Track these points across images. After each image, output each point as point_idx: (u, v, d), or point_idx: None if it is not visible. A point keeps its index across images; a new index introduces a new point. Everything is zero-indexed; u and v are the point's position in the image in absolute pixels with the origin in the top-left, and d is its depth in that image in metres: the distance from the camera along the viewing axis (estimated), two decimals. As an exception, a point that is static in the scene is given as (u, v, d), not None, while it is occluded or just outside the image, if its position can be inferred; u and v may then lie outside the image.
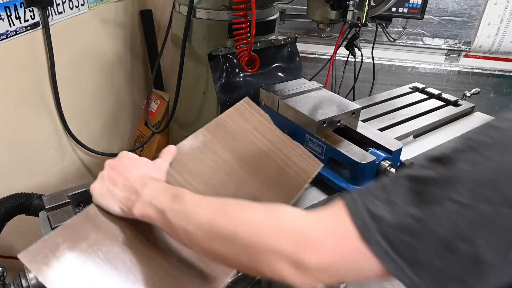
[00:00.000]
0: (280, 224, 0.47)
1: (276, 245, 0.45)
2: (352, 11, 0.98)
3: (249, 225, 0.48)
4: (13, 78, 1.23)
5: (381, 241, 0.42)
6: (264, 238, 0.46)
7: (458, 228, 0.40)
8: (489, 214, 0.39)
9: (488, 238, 0.40)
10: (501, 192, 0.39)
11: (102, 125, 1.82)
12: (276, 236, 0.46)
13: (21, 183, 1.34)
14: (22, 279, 0.76)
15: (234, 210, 0.52)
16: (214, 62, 1.37)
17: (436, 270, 0.41)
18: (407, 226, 0.41)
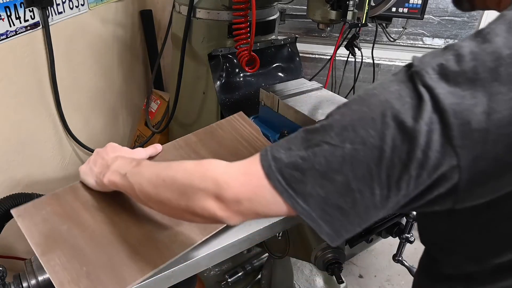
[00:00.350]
0: (207, 169, 0.58)
1: (203, 185, 0.57)
2: (352, 11, 0.98)
3: (184, 172, 0.60)
4: (13, 78, 1.23)
5: (279, 178, 0.52)
6: (195, 181, 0.58)
7: (332, 163, 0.50)
8: (351, 151, 0.49)
9: (354, 170, 0.49)
10: (358, 134, 0.49)
11: (102, 125, 1.82)
12: (203, 178, 0.57)
13: (21, 183, 1.34)
14: (22, 279, 0.76)
15: (174, 164, 0.63)
16: (214, 62, 1.37)
17: (320, 199, 0.51)
18: (296, 165, 0.52)
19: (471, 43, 0.48)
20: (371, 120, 0.49)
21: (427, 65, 0.49)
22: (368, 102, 0.51)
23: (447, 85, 0.47)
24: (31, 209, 0.75)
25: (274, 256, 1.23)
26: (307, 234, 1.03)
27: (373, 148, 0.49)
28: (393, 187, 0.50)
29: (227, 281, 1.54)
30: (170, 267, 0.77)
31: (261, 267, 1.62)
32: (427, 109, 0.47)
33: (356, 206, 0.51)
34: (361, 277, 2.08)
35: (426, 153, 0.47)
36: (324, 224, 0.52)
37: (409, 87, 0.49)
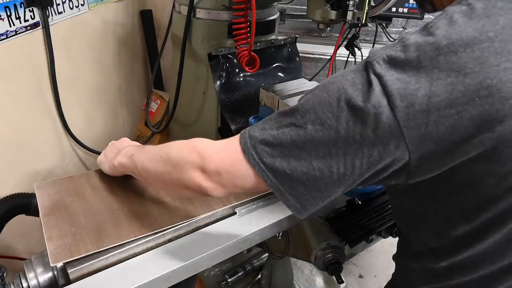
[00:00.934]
0: (194, 145, 0.67)
1: (191, 159, 0.65)
2: (352, 11, 0.98)
3: (177, 147, 0.70)
4: (13, 78, 1.23)
5: (253, 152, 0.59)
6: (184, 154, 0.67)
7: (297, 142, 0.56)
8: (312, 131, 0.56)
9: (315, 149, 0.56)
10: (317, 116, 0.55)
11: (102, 125, 1.82)
12: (191, 152, 0.66)
13: (21, 183, 1.34)
14: (22, 279, 0.76)
15: (171, 142, 0.73)
16: (214, 62, 1.37)
17: (287, 175, 0.58)
18: (268, 141, 0.59)
19: (416, 36, 0.54)
20: (329, 104, 0.55)
21: (379, 56, 0.54)
22: (328, 88, 0.57)
23: (395, 72, 0.52)
24: (50, 184, 0.93)
25: (274, 256, 1.23)
26: (307, 234, 1.03)
27: (330, 129, 0.55)
28: (348, 166, 0.55)
29: (227, 281, 1.54)
30: (170, 267, 0.77)
31: (261, 267, 1.62)
32: (376, 94, 0.52)
33: (317, 182, 0.57)
34: (361, 277, 2.08)
35: (376, 133, 0.53)
36: (291, 198, 0.60)
37: (363, 75, 0.55)
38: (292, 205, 0.60)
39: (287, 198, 0.60)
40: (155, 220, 0.85)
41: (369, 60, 0.55)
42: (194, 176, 0.65)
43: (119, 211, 0.86)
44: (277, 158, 0.58)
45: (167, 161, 0.69)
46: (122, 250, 0.78)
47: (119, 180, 0.95)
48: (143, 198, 0.91)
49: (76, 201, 0.87)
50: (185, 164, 0.66)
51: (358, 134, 0.53)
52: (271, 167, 0.59)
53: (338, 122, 0.54)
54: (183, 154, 0.67)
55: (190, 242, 0.84)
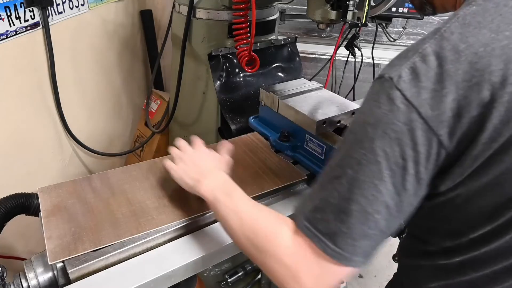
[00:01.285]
0: (279, 245, 0.62)
1: (277, 266, 0.61)
2: (352, 11, 0.98)
3: (263, 234, 0.64)
4: (13, 78, 1.23)
5: (307, 224, 0.58)
6: (269, 249, 0.62)
7: (342, 193, 0.55)
8: (353, 175, 0.54)
9: (363, 193, 0.53)
10: (352, 157, 0.55)
11: (102, 125, 1.82)
12: (276, 256, 0.61)
13: (21, 183, 1.34)
14: (22, 279, 0.76)
15: (257, 219, 0.68)
16: (214, 62, 1.37)
17: (345, 235, 0.54)
18: (317, 206, 0.57)
19: (432, 43, 0.53)
20: (359, 142, 0.54)
21: (396, 70, 0.53)
22: (353, 129, 0.57)
23: (419, 83, 0.51)
24: (52, 188, 0.94)
25: (274, 256, 1.23)
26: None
27: (369, 165, 0.53)
28: (401, 192, 0.53)
29: (227, 281, 1.54)
30: (170, 267, 0.77)
31: (261, 267, 1.62)
32: (403, 110, 0.51)
33: (378, 225, 0.54)
34: (361, 277, 2.08)
35: (416, 149, 0.52)
36: (357, 258, 0.56)
37: (383, 95, 0.53)
38: (360, 262, 0.56)
39: (354, 260, 0.56)
40: (153, 219, 0.85)
41: (386, 76, 0.54)
42: (278, 273, 0.61)
43: (118, 211, 0.87)
44: (330, 220, 0.56)
45: (253, 242, 0.66)
46: (122, 250, 0.78)
47: (120, 182, 0.96)
48: (142, 198, 0.92)
49: (76, 203, 0.89)
50: (270, 257, 0.63)
51: (399, 157, 0.52)
52: (327, 233, 0.56)
53: (374, 154, 0.53)
54: (268, 247, 0.63)
55: (190, 242, 0.84)
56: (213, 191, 0.77)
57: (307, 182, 1.03)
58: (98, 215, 0.86)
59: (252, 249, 0.66)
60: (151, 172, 1.00)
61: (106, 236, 0.80)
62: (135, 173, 1.00)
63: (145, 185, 0.96)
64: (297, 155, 1.08)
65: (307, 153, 1.06)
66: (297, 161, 1.08)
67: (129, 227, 0.83)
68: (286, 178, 1.01)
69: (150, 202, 0.91)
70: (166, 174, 0.99)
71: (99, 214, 0.86)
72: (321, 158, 1.01)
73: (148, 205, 0.90)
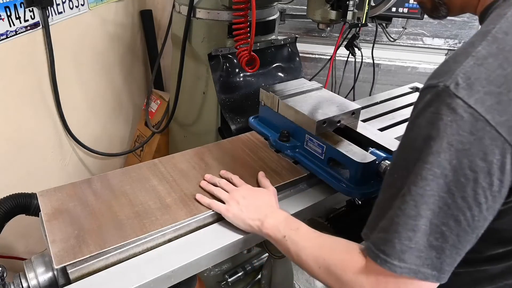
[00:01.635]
0: (355, 275, 0.62)
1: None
2: (352, 11, 0.98)
3: (335, 268, 0.65)
4: (13, 78, 1.23)
5: (372, 247, 0.57)
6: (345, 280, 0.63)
7: (407, 211, 0.53)
8: (417, 191, 0.52)
9: (430, 208, 0.52)
10: (415, 173, 0.53)
11: (102, 125, 1.82)
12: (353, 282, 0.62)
13: (21, 183, 1.34)
14: (22, 279, 0.76)
15: (328, 251, 0.69)
16: (214, 62, 1.37)
17: (412, 250, 0.53)
18: (381, 227, 0.56)
19: (484, 45, 0.51)
20: (421, 157, 0.52)
21: (452, 77, 0.50)
22: (411, 144, 0.54)
23: (481, 88, 0.49)
24: (52, 191, 0.93)
25: (274, 256, 1.23)
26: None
27: (435, 179, 0.51)
28: (473, 206, 0.51)
29: (227, 281, 1.54)
30: (170, 267, 0.77)
31: (261, 267, 1.62)
32: (468, 120, 0.48)
33: (448, 239, 0.52)
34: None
35: (486, 160, 0.49)
36: (426, 269, 0.54)
37: (442, 108, 0.50)
38: (430, 276, 0.54)
39: (423, 272, 0.54)
40: (157, 220, 0.85)
41: (441, 85, 0.51)
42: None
43: (120, 213, 0.87)
44: (395, 240, 0.54)
45: (328, 273, 0.67)
46: (122, 250, 0.78)
47: (120, 184, 0.96)
48: (144, 199, 0.92)
49: (78, 206, 0.88)
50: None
51: (468, 169, 0.49)
52: (393, 254, 0.54)
53: (440, 168, 0.50)
54: (344, 279, 0.63)
55: (190, 242, 0.84)
56: (279, 229, 0.78)
57: (307, 182, 1.03)
58: (101, 217, 0.86)
59: (331, 281, 0.66)
60: (151, 173, 1.00)
61: (111, 238, 0.80)
62: (135, 175, 1.00)
63: (146, 186, 0.96)
64: (297, 155, 1.08)
65: (307, 153, 1.06)
66: (297, 161, 1.08)
67: (134, 228, 0.82)
68: (287, 176, 1.01)
69: (153, 203, 0.91)
70: (167, 175, 0.99)
71: (102, 216, 0.86)
72: (321, 158, 1.01)
73: (151, 206, 0.89)
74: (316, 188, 1.01)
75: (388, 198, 0.57)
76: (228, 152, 1.11)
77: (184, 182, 0.97)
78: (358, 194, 0.95)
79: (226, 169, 1.02)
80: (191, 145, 1.14)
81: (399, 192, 0.55)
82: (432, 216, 0.52)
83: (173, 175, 1.00)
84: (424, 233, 0.52)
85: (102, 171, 1.85)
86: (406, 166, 0.55)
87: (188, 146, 1.14)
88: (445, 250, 0.53)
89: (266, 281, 1.56)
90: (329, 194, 0.99)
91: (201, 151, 1.11)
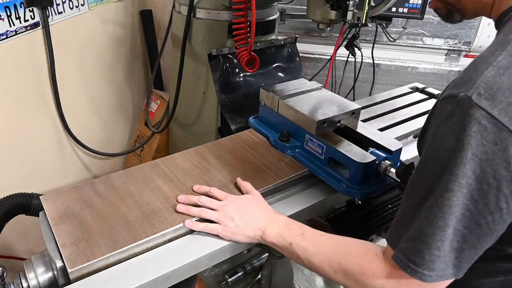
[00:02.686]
0: (370, 272, 0.64)
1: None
2: (352, 11, 0.98)
3: (353, 267, 0.66)
4: (13, 78, 1.23)
5: (401, 256, 0.58)
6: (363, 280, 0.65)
7: (434, 221, 0.54)
8: (443, 201, 0.54)
9: (456, 216, 0.53)
10: (441, 184, 0.54)
11: (102, 125, 1.82)
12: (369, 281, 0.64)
13: (21, 183, 1.34)
14: (22, 279, 0.76)
15: (344, 254, 0.69)
16: (214, 62, 1.37)
17: (440, 258, 0.55)
18: (409, 237, 0.57)
19: (505, 55, 0.51)
20: (446, 167, 0.53)
21: (473, 87, 0.51)
22: (435, 155, 0.55)
23: (504, 98, 0.49)
24: (55, 195, 0.92)
25: (274, 256, 1.23)
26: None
27: (460, 189, 0.52)
28: (494, 211, 0.53)
29: (227, 281, 1.54)
30: (170, 267, 0.77)
31: (261, 267, 1.62)
32: (492, 130, 0.49)
33: (468, 241, 0.54)
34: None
35: (509, 168, 0.50)
36: (448, 271, 0.56)
37: (465, 118, 0.51)
38: (450, 274, 0.57)
39: (446, 274, 0.57)
40: (166, 219, 0.85)
41: (462, 95, 0.52)
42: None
43: (129, 214, 0.87)
44: (424, 250, 0.56)
45: (346, 276, 0.68)
46: (122, 250, 0.78)
47: (125, 186, 0.96)
48: (150, 199, 0.92)
49: (84, 209, 0.88)
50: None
51: (491, 177, 0.51)
52: (423, 264, 0.56)
53: (465, 178, 0.52)
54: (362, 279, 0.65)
55: (190, 242, 0.84)
56: (283, 237, 0.78)
57: (307, 182, 1.03)
58: (110, 219, 0.85)
59: (349, 283, 0.67)
60: (155, 174, 1.00)
61: (122, 239, 0.80)
62: (138, 175, 0.99)
63: (151, 187, 0.96)
64: (297, 155, 1.08)
65: (307, 153, 1.06)
66: (297, 161, 1.08)
67: (144, 229, 0.82)
68: (289, 171, 1.01)
69: (160, 202, 0.90)
70: (170, 175, 1.00)
71: (111, 218, 0.86)
72: (321, 158, 1.01)
73: (158, 206, 0.89)
74: (316, 188, 1.01)
75: (412, 206, 0.58)
76: (228, 150, 1.11)
77: (188, 181, 0.98)
78: (358, 194, 0.95)
79: (227, 167, 1.02)
80: (191, 145, 1.14)
81: (423, 201, 0.56)
82: (456, 223, 0.54)
83: (177, 175, 1.00)
84: (449, 240, 0.54)
85: (102, 171, 1.86)
86: (430, 176, 0.56)
87: (188, 146, 1.14)
88: (464, 250, 0.55)
89: (266, 281, 1.56)
90: (329, 194, 0.99)
91: (201, 150, 1.11)
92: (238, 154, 1.10)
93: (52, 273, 0.78)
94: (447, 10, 0.77)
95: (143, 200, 0.91)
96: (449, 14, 0.77)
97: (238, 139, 1.17)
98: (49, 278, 0.78)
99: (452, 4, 0.75)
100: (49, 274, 0.78)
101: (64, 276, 0.75)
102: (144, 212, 0.87)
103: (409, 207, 0.60)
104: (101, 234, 0.81)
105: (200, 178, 0.99)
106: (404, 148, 1.01)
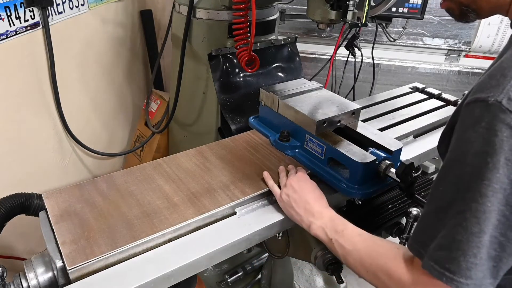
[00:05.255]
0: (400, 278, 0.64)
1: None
2: (352, 11, 0.98)
3: (384, 274, 0.67)
4: (13, 78, 1.23)
5: (433, 264, 0.57)
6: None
7: (469, 228, 0.53)
8: (478, 208, 0.53)
9: (492, 223, 0.53)
10: (477, 190, 0.53)
11: (102, 125, 1.82)
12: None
13: (21, 183, 1.34)
14: (22, 279, 0.76)
15: (376, 257, 0.70)
16: (214, 62, 1.37)
17: (476, 266, 0.53)
18: (441, 244, 0.56)
19: None
20: (478, 173, 0.53)
21: (502, 92, 0.51)
22: (465, 161, 0.54)
23: None
24: (57, 193, 0.92)
25: (274, 256, 1.23)
26: (307, 234, 1.03)
27: (495, 194, 0.52)
28: None
29: (227, 281, 1.54)
30: (170, 267, 0.77)
31: (261, 267, 1.62)
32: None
33: (506, 248, 0.54)
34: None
35: None
36: (487, 280, 0.55)
37: (496, 124, 0.51)
38: (488, 284, 0.56)
39: (483, 283, 0.55)
40: (166, 219, 0.86)
41: (492, 100, 0.52)
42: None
43: (129, 213, 0.87)
44: (460, 258, 0.55)
45: (376, 277, 0.69)
46: (122, 250, 0.78)
47: (126, 185, 0.96)
48: (151, 199, 0.92)
49: (85, 207, 0.89)
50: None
51: None
52: (459, 272, 0.55)
53: (499, 183, 0.52)
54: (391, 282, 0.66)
55: (190, 242, 0.84)
56: (325, 232, 0.81)
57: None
58: (110, 217, 0.86)
59: (379, 285, 0.68)
60: (157, 173, 1.00)
61: (122, 238, 0.80)
62: (140, 175, 1.00)
63: (152, 186, 0.96)
64: (297, 155, 1.08)
65: (307, 153, 1.06)
66: (297, 161, 1.08)
67: (144, 228, 0.83)
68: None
69: (160, 202, 0.91)
70: (172, 175, 1.00)
71: (111, 217, 0.86)
72: (321, 158, 1.01)
73: (159, 205, 0.90)
74: (316, 188, 1.01)
75: (436, 212, 0.58)
76: (230, 151, 1.12)
77: (190, 181, 0.98)
78: (358, 194, 0.95)
79: (229, 167, 1.03)
80: (191, 145, 1.14)
81: (450, 207, 0.55)
82: (492, 229, 0.53)
83: (178, 174, 1.00)
84: (486, 248, 0.54)
85: (102, 171, 1.86)
86: (457, 182, 0.55)
87: (188, 146, 1.14)
88: (502, 259, 0.55)
89: (266, 281, 1.56)
90: (329, 194, 0.99)
91: (203, 150, 1.11)
92: (240, 155, 1.10)
93: (52, 273, 0.78)
94: (461, 11, 0.76)
95: (144, 199, 0.92)
96: (463, 14, 0.76)
97: (240, 140, 1.18)
98: (49, 278, 0.78)
99: (467, 5, 0.74)
100: (49, 274, 0.78)
101: (64, 276, 0.75)
102: (145, 211, 0.88)
103: (430, 212, 0.59)
104: (101, 232, 0.82)
105: (202, 178, 0.99)
106: (404, 148, 1.01)
